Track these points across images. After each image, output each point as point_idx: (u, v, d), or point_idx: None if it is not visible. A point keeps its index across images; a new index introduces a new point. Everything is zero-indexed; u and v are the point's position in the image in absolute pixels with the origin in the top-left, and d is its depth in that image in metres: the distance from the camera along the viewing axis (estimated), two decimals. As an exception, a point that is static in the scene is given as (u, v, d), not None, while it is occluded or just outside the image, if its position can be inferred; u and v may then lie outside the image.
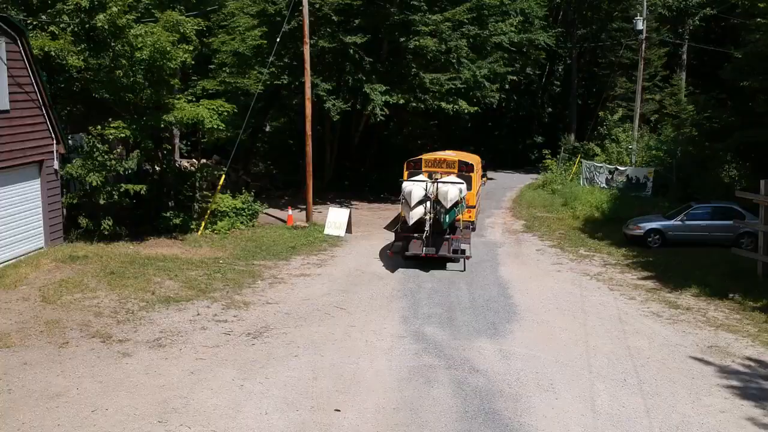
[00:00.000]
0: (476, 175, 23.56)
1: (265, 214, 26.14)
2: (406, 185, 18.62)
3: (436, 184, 18.25)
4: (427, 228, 18.11)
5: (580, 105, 50.35)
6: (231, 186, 30.98)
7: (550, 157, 40.26)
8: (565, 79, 54.99)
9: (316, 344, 12.66)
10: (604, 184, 34.12)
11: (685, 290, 17.12)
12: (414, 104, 29.48)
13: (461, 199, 19.13)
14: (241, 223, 23.37)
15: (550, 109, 56.78)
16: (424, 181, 18.62)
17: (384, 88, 28.00)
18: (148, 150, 20.37)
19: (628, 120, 41.25)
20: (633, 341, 13.29)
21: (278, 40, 23.62)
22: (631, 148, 36.28)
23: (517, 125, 55.02)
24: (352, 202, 31.03)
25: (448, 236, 18.81)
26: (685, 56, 47.83)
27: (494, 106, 37.74)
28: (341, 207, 28.89)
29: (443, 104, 29.72)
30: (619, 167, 34.15)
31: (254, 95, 28.58)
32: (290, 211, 25.36)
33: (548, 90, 55.73)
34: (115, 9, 17.27)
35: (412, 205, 18.03)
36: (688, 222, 21.85)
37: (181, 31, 19.72)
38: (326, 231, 23.37)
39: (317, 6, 25.75)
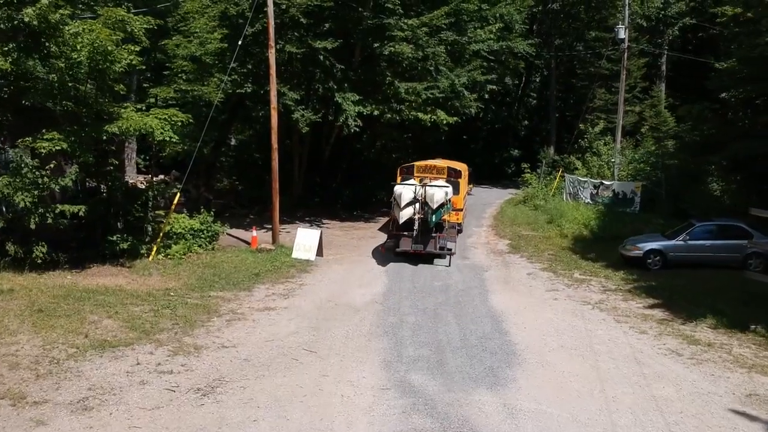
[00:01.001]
0: (464, 181, 25.10)
1: (228, 235, 23.66)
2: (397, 188, 20.49)
3: (424, 187, 20.12)
4: (415, 227, 19.99)
5: (558, 117, 48.91)
6: (191, 204, 28.52)
7: (529, 171, 38.52)
8: (541, 91, 53.69)
9: (281, 402, 10.34)
10: (588, 200, 32.40)
11: (700, 321, 15.21)
12: (389, 115, 27.37)
13: (447, 201, 20.91)
14: (199, 246, 20.90)
15: (526, 122, 55.34)
16: (413, 184, 20.50)
17: (357, 97, 25.85)
18: (88, 165, 17.84)
19: (609, 132, 39.80)
20: (658, 389, 11.25)
21: (240, 43, 21.31)
22: (613, 162, 34.65)
23: (492, 138, 53.41)
24: (323, 221, 28.75)
25: (435, 234, 20.54)
26: (664, 67, 46.80)
27: (473, 116, 35.84)
28: (311, 227, 26.70)
29: (420, 115, 27.66)
30: (604, 181, 32.46)
31: (216, 105, 26.26)
32: (254, 232, 22.96)
33: (524, 102, 54.34)
34: (45, 1, 14.82)
35: (402, 205, 19.85)
36: (690, 242, 20.03)
37: (129, 30, 17.33)
38: (294, 254, 21.07)
39: (284, 7, 23.53)
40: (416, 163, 24.28)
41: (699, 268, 19.79)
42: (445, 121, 28.71)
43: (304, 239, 21.44)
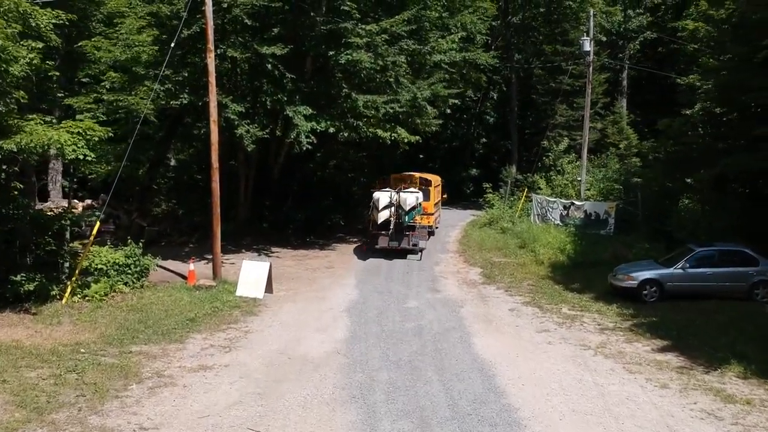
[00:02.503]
0: (434, 189, 28.51)
1: (162, 267, 20.45)
2: (376, 194, 23.43)
3: (398, 193, 23.41)
4: (391, 227, 23.31)
5: (518, 135, 47.12)
6: (123, 232, 25.15)
7: (491, 191, 36.36)
8: (499, 107, 51.94)
9: None
10: (558, 221, 30.26)
11: (725, 368, 12.88)
12: (346, 133, 24.64)
13: (418, 204, 24.26)
14: (125, 284, 17.61)
15: (484, 140, 53.44)
16: (389, 190, 23.70)
17: (309, 111, 22.99)
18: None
19: (572, 150, 38.06)
20: (711, 474, 8.72)
21: (172, 46, 18.27)
22: (578, 180, 32.70)
23: (450, 157, 51.31)
24: (273, 249, 25.69)
25: (408, 233, 23.91)
26: (625, 83, 45.70)
27: (432, 134, 33.42)
28: (259, 256, 23.81)
29: (380, 132, 24.97)
30: (575, 202, 30.38)
31: (153, 121, 23.08)
32: (192, 265, 19.73)
33: (482, 119, 52.45)
34: None
35: (380, 208, 22.76)
36: (690, 270, 17.79)
37: (33, 24, 14.19)
38: (239, 292, 18.01)
39: (225, 6, 20.62)
40: (393, 175, 28.02)
41: (699, 299, 17.62)
42: (406, 140, 26.18)
43: (251, 273, 18.43)
